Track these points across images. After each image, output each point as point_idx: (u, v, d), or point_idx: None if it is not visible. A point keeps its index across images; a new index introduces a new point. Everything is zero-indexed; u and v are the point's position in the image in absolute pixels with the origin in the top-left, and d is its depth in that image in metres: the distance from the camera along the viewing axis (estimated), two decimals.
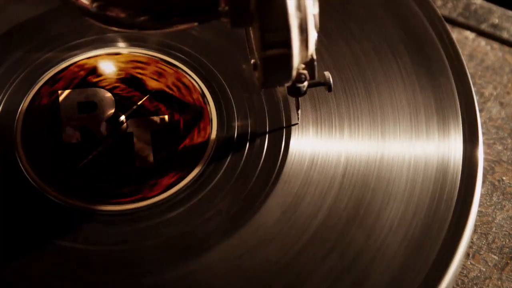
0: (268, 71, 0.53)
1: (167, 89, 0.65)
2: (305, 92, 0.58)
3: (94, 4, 0.54)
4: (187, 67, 0.66)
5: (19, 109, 0.64)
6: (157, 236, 0.60)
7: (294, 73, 0.53)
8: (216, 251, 0.59)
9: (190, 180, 0.62)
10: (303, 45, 0.52)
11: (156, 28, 0.55)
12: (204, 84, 0.65)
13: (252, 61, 0.59)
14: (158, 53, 0.67)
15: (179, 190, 0.61)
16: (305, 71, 0.57)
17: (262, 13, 0.50)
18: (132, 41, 0.67)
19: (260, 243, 0.59)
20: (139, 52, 0.67)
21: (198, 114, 0.64)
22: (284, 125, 0.64)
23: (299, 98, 0.62)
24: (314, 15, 0.52)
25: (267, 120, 0.64)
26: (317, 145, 0.63)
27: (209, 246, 0.59)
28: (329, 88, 0.60)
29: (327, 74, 0.60)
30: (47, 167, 0.62)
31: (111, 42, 0.67)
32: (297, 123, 0.63)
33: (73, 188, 0.61)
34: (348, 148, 0.63)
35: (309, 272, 0.58)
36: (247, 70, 0.65)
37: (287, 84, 0.57)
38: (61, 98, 0.65)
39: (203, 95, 0.64)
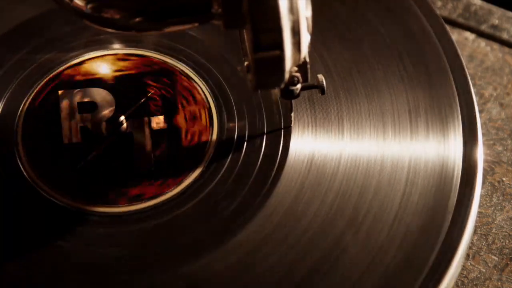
0: (260, 73, 0.53)
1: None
2: (298, 95, 0.58)
3: (89, 6, 0.54)
4: (187, 68, 0.66)
5: (20, 110, 0.64)
6: (156, 237, 0.60)
7: (286, 75, 0.53)
8: (215, 253, 0.59)
9: (191, 182, 0.62)
10: (296, 47, 0.52)
11: (151, 30, 0.55)
12: (204, 84, 0.65)
13: (246, 63, 0.59)
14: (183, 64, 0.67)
15: (179, 191, 0.61)
16: (297, 74, 0.57)
17: (255, 14, 0.50)
18: (128, 42, 0.67)
19: (259, 245, 0.59)
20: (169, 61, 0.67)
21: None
22: (282, 126, 0.64)
23: (292, 101, 0.62)
24: (306, 18, 0.52)
25: (265, 121, 0.64)
26: (317, 146, 0.63)
27: (209, 247, 0.59)
28: (322, 91, 0.60)
29: (320, 77, 0.60)
30: (47, 167, 0.62)
31: (110, 43, 0.68)
32: (290, 126, 0.63)
33: (73, 189, 0.61)
34: (348, 149, 0.63)
35: (308, 274, 0.58)
36: (242, 72, 0.65)
37: (280, 87, 0.57)
38: (61, 98, 0.65)
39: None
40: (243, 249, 0.59)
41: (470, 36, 0.74)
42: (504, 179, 0.67)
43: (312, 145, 0.63)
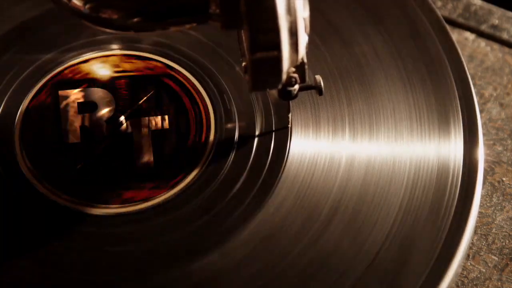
0: (257, 74, 0.53)
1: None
2: (296, 96, 0.58)
3: (87, 6, 0.54)
4: (185, 68, 0.66)
5: (20, 110, 0.64)
6: (156, 237, 0.60)
7: (284, 76, 0.53)
8: (214, 253, 0.59)
9: (191, 182, 0.62)
10: (293, 48, 0.52)
11: (149, 30, 0.55)
12: (202, 85, 0.65)
13: (243, 64, 0.59)
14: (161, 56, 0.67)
15: (179, 191, 0.61)
16: (295, 75, 0.57)
17: (252, 15, 0.50)
18: (127, 43, 0.67)
19: (258, 246, 0.59)
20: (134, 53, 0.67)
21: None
22: (274, 128, 0.64)
23: (290, 102, 0.62)
24: (304, 19, 0.52)
25: (259, 122, 0.64)
26: (316, 147, 0.63)
27: (207, 248, 0.59)
28: (319, 91, 0.60)
29: (318, 77, 0.60)
30: (47, 167, 0.62)
31: (109, 43, 0.68)
32: (288, 126, 0.63)
33: (73, 189, 0.61)
34: (348, 150, 0.63)
35: (308, 275, 0.58)
36: (240, 72, 0.65)
37: (277, 88, 0.57)
38: (61, 98, 0.65)
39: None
40: (242, 249, 0.59)
41: (470, 36, 0.74)
42: (504, 179, 0.67)
43: (312, 145, 0.63)
